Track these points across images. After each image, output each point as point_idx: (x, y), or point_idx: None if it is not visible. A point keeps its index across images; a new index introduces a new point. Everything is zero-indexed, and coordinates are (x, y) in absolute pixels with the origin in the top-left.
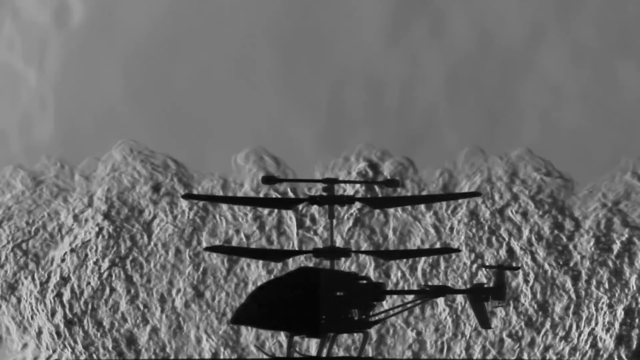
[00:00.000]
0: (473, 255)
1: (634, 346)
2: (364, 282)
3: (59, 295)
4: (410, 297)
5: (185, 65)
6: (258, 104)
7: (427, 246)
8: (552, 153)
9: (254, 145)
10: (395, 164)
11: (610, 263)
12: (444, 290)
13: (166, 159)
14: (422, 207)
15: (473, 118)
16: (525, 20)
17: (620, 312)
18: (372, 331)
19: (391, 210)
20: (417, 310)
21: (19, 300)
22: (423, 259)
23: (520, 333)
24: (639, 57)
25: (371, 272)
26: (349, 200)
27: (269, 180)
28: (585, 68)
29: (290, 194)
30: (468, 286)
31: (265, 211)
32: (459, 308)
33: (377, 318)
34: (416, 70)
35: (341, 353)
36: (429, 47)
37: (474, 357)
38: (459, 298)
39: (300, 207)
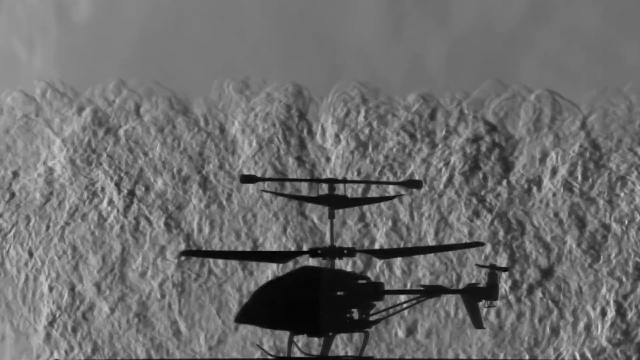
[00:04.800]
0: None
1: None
2: (364, 281)
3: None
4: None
5: (189, 52)
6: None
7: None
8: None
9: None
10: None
11: None
12: (439, 290)
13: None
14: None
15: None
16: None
17: None
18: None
19: None
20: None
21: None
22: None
23: None
24: None
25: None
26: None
27: (248, 179)
28: (586, 47)
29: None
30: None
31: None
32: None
33: (376, 318)
34: (416, 52)
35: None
36: (428, 27)
37: (474, 357)
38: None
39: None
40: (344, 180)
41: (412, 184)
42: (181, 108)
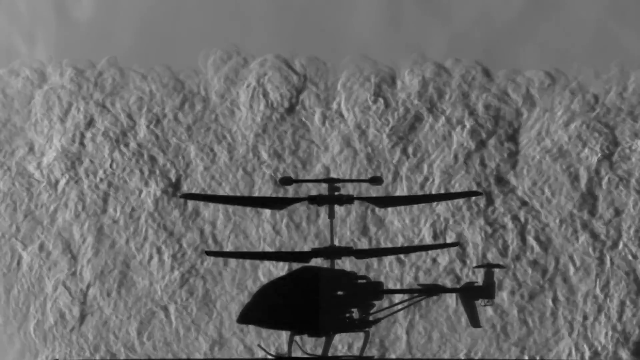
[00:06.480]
0: None
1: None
2: (363, 281)
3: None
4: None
5: (187, 31)
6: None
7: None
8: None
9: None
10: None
11: None
12: (437, 290)
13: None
14: None
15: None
16: None
17: None
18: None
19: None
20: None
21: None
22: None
23: None
24: (637, 24)
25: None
26: (348, 200)
27: (286, 181)
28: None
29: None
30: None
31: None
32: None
33: (376, 317)
34: (414, 45)
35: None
36: (426, 22)
37: (474, 357)
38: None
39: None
40: (344, 180)
41: (375, 180)
42: (177, 84)
